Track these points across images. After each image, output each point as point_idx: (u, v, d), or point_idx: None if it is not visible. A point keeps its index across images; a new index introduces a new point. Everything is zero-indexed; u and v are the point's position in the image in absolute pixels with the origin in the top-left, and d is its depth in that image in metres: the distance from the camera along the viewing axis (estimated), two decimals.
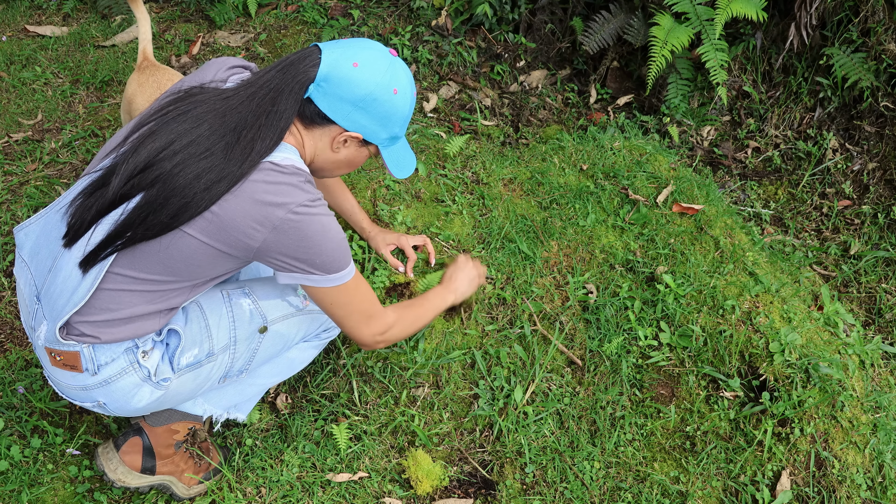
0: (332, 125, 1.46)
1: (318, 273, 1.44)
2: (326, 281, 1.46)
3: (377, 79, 1.41)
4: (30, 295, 1.50)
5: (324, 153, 1.51)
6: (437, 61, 3.29)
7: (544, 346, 2.08)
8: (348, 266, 1.48)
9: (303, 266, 1.42)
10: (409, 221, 2.24)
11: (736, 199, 3.00)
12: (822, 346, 2.12)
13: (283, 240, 1.37)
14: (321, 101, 1.41)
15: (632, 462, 1.95)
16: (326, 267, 1.44)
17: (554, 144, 2.73)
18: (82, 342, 1.44)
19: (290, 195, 1.35)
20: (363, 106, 1.43)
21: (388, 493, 1.85)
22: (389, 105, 1.45)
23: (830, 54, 2.98)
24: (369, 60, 1.42)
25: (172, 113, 1.39)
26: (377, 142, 1.51)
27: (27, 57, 3.29)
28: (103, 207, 1.37)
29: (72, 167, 2.74)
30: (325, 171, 1.58)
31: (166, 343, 1.55)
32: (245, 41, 3.40)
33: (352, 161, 1.56)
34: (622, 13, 3.13)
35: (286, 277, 1.46)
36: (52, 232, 1.46)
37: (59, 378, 1.51)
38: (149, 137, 1.36)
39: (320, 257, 1.42)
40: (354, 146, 1.52)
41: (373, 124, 1.46)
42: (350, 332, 1.59)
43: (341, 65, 1.40)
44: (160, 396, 1.55)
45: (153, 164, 1.34)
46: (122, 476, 1.74)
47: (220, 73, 1.52)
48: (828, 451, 1.95)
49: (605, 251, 2.28)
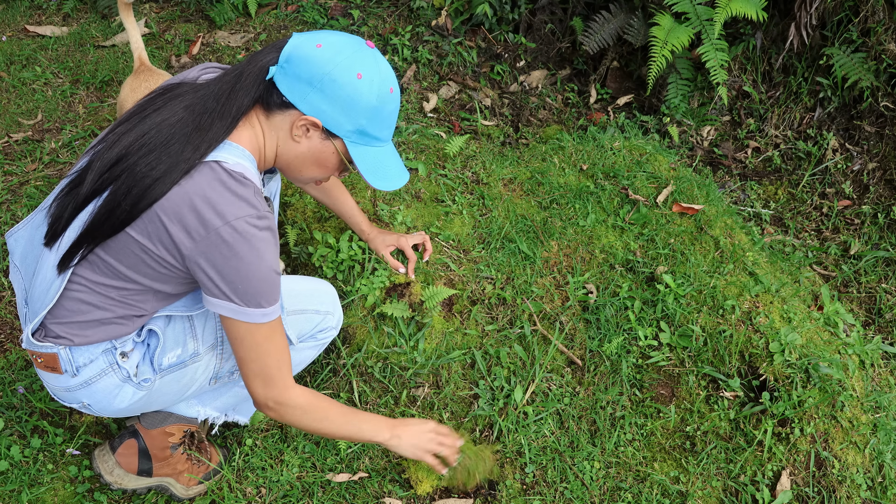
0: (291, 110, 1.37)
1: (236, 302, 1.33)
2: (242, 314, 1.35)
3: (337, 59, 1.33)
4: (21, 299, 1.52)
5: (285, 144, 1.42)
6: (437, 61, 3.29)
7: (544, 346, 2.08)
8: (270, 307, 1.36)
9: (224, 288, 1.32)
10: (409, 221, 2.24)
11: (736, 199, 3.00)
12: (822, 346, 2.12)
13: (212, 251, 1.29)
14: (281, 83, 1.35)
15: (632, 462, 1.95)
16: (246, 297, 1.33)
17: (554, 144, 2.73)
18: (58, 344, 1.44)
19: (233, 205, 1.28)
20: (320, 86, 1.33)
21: (388, 493, 1.85)
22: (350, 89, 1.34)
23: (830, 54, 2.98)
24: (334, 43, 1.35)
25: (149, 109, 1.38)
26: (340, 133, 1.39)
27: (27, 57, 3.29)
28: (78, 204, 1.36)
29: (72, 167, 2.74)
30: (291, 168, 1.48)
31: (147, 344, 1.53)
32: (245, 41, 3.40)
33: (317, 156, 1.44)
34: (622, 13, 3.13)
35: (210, 302, 1.36)
36: (36, 235, 1.47)
37: (46, 380, 1.52)
38: (124, 135, 1.36)
39: (243, 283, 1.31)
40: (318, 137, 1.41)
41: (332, 109, 1.36)
42: (246, 383, 1.46)
43: (304, 46, 1.34)
44: (143, 397, 1.55)
45: (123, 157, 1.33)
46: (118, 478, 1.74)
47: (193, 73, 1.51)
48: (828, 451, 1.95)
49: (605, 251, 2.28)
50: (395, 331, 2.05)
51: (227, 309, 1.35)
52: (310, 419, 1.50)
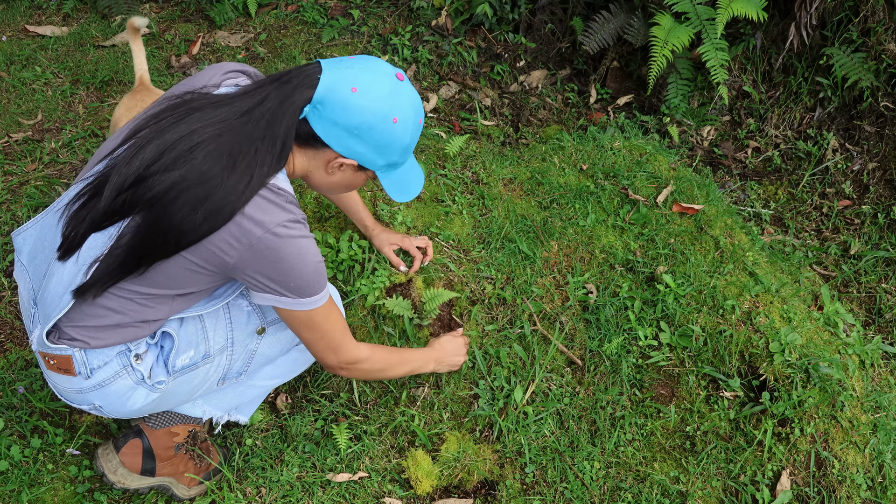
0: (326, 149, 1.41)
1: (290, 296, 1.41)
2: (298, 304, 1.44)
3: (375, 106, 1.35)
4: (28, 299, 1.51)
5: (317, 173, 1.48)
6: (437, 61, 3.29)
7: (544, 346, 2.08)
8: (322, 291, 1.45)
9: (276, 287, 1.39)
10: (409, 221, 2.24)
11: (736, 199, 3.00)
12: (822, 346, 2.12)
13: (258, 259, 1.34)
14: (316, 124, 1.37)
15: (632, 462, 1.95)
16: (300, 290, 1.41)
17: (554, 144, 2.73)
18: (73, 346, 1.44)
19: (269, 213, 1.32)
20: (359, 134, 1.37)
21: (388, 493, 1.85)
22: (388, 134, 1.39)
23: (830, 54, 2.98)
24: (369, 85, 1.35)
25: (166, 122, 1.35)
26: (374, 168, 1.46)
27: (27, 57, 3.29)
28: (96, 219, 1.35)
29: (72, 167, 2.74)
30: (319, 189, 1.55)
31: (161, 346, 1.54)
32: (245, 41, 3.40)
33: (349, 184, 1.53)
34: (622, 13, 3.13)
35: (259, 297, 1.44)
36: (47, 236, 1.46)
37: (56, 381, 1.51)
38: (142, 147, 1.32)
39: (295, 280, 1.39)
40: (350, 171, 1.47)
41: (369, 152, 1.41)
42: (317, 356, 1.58)
43: (339, 88, 1.34)
44: (156, 399, 1.55)
45: (144, 177, 1.30)
46: (121, 478, 1.74)
47: (215, 78, 1.48)
48: (828, 451, 1.95)
49: (605, 251, 2.28)
50: (396, 330, 2.05)
51: (283, 303, 1.44)
52: (372, 366, 1.67)
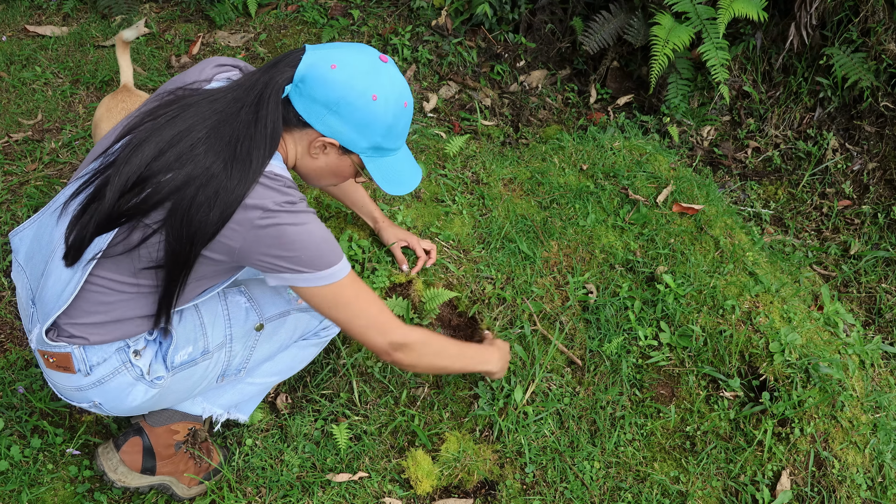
0: (308, 129, 1.40)
1: (306, 270, 1.37)
2: (317, 279, 1.38)
3: (354, 82, 1.35)
4: (26, 299, 1.50)
5: (303, 158, 1.46)
6: (437, 61, 3.29)
7: (544, 346, 2.08)
8: (339, 262, 1.40)
9: (288, 265, 1.36)
10: (410, 221, 2.23)
11: (736, 199, 3.00)
12: (822, 346, 2.12)
13: (262, 238, 1.33)
14: (297, 103, 1.37)
15: (632, 462, 1.95)
16: (314, 262, 1.37)
17: (554, 144, 2.73)
18: (72, 343, 1.44)
19: (266, 196, 1.32)
20: (336, 109, 1.36)
21: (388, 493, 1.85)
22: (366, 111, 1.37)
23: (830, 54, 2.98)
24: (349, 62, 1.36)
25: (162, 118, 1.35)
26: (357, 150, 1.43)
27: (27, 57, 3.29)
28: (101, 222, 1.34)
29: (72, 167, 2.74)
30: (308, 177, 1.52)
31: (159, 342, 1.54)
32: (245, 41, 3.40)
33: (335, 170, 1.49)
34: (622, 13, 3.13)
35: (274, 279, 1.40)
36: (44, 236, 1.46)
37: (55, 380, 1.51)
38: (140, 146, 1.32)
39: (305, 252, 1.35)
40: (335, 154, 1.45)
41: (349, 131, 1.39)
42: (362, 340, 1.49)
43: (319, 65, 1.34)
44: (155, 395, 1.55)
45: (146, 177, 1.30)
46: (122, 476, 1.74)
47: (206, 72, 1.49)
48: (828, 451, 1.95)
49: (605, 251, 2.28)
50: None
51: (301, 280, 1.38)
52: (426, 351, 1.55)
